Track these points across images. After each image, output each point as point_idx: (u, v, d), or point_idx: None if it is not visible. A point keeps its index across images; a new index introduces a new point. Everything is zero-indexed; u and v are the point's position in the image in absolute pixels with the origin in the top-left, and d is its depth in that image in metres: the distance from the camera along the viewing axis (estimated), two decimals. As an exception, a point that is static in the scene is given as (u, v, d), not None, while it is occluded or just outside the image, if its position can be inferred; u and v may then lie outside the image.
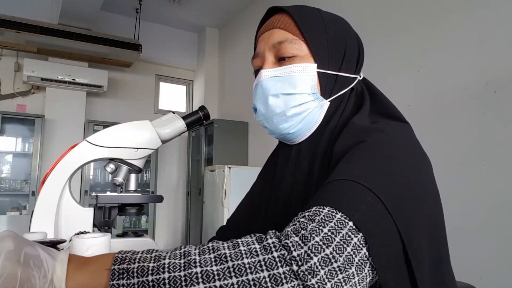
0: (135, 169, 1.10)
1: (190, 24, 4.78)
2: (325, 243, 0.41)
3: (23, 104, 4.00)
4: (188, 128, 1.14)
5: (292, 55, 0.61)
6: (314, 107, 0.62)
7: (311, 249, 0.41)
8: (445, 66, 1.99)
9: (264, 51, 0.64)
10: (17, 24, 3.45)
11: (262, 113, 0.64)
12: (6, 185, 3.77)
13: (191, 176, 4.58)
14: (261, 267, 0.40)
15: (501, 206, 1.68)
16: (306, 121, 0.62)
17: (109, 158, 1.08)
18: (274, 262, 0.41)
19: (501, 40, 1.75)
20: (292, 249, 0.41)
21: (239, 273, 0.40)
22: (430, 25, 2.10)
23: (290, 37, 0.62)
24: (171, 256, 0.43)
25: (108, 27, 4.23)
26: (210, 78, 4.83)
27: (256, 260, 0.41)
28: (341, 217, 0.44)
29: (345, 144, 0.55)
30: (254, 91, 0.65)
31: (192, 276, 0.40)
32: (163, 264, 0.42)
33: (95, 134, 1.06)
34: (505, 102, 1.71)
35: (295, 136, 0.64)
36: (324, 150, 0.60)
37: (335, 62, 0.62)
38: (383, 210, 0.45)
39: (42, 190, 1.02)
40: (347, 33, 0.65)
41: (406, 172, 0.50)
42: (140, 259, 0.43)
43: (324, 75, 0.62)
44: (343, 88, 0.64)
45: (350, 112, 0.62)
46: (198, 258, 0.42)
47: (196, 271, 0.41)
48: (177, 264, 0.42)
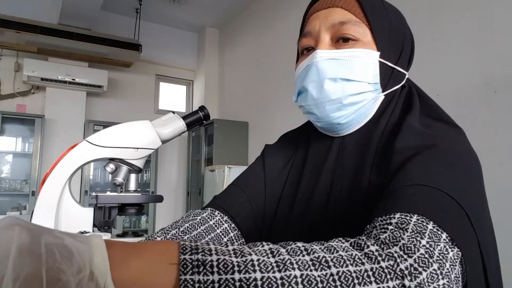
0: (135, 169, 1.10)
1: (190, 24, 4.78)
2: (431, 257, 0.37)
3: (23, 104, 4.00)
4: (188, 128, 1.14)
5: (355, 38, 0.55)
6: (371, 98, 0.57)
7: (418, 263, 0.36)
8: (445, 66, 1.99)
9: (320, 30, 0.57)
10: (17, 24, 3.45)
11: (313, 97, 0.57)
12: (6, 185, 3.77)
13: (191, 176, 4.58)
14: (369, 278, 0.35)
15: (501, 205, 1.68)
16: (360, 112, 0.57)
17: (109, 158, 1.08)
18: (384, 274, 0.35)
19: (501, 40, 1.75)
20: (398, 260, 0.36)
21: (345, 282, 0.34)
22: (430, 25, 2.10)
23: (353, 19, 0.56)
24: (256, 252, 0.35)
25: (108, 27, 4.23)
26: (210, 78, 4.83)
27: (363, 269, 0.35)
28: (433, 228, 0.40)
29: (410, 144, 0.50)
30: (304, 72, 0.58)
31: (291, 280, 0.33)
32: (251, 260, 0.34)
33: (95, 134, 1.06)
34: (505, 102, 1.71)
35: (344, 127, 0.59)
36: (376, 148, 0.55)
37: (393, 54, 0.58)
38: (468, 224, 0.42)
39: (42, 190, 1.02)
40: (405, 26, 0.62)
41: (479, 185, 0.49)
42: (218, 251, 0.34)
43: (383, 66, 0.57)
44: (396, 84, 0.60)
45: (400, 110, 0.58)
46: (292, 259, 0.35)
47: (295, 274, 0.33)
48: (269, 263, 0.34)
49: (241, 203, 0.65)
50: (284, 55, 3.35)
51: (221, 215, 0.63)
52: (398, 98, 0.60)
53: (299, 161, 0.66)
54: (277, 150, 0.71)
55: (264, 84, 3.71)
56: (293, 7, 3.33)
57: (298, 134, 0.71)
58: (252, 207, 0.65)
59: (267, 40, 3.72)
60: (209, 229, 0.60)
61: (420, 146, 0.49)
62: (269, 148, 0.73)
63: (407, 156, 0.48)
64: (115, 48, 3.88)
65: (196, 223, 0.59)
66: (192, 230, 0.58)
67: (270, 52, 3.67)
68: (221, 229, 0.61)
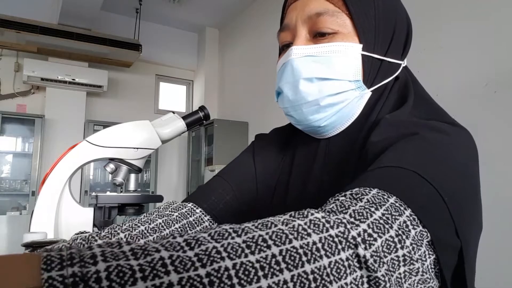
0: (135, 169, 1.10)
1: (190, 24, 4.78)
2: (386, 223, 0.32)
3: (23, 104, 4.00)
4: (188, 128, 1.14)
5: (333, 31, 0.49)
6: (354, 97, 0.50)
7: (372, 228, 0.31)
8: (445, 66, 2.00)
9: (296, 24, 0.52)
10: (17, 24, 3.45)
11: (288, 99, 0.52)
12: (6, 185, 3.77)
13: (191, 176, 4.58)
14: (319, 252, 0.28)
15: (501, 205, 1.67)
16: (342, 113, 0.51)
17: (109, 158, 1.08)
18: (334, 244, 0.29)
19: (501, 40, 1.75)
20: (348, 226, 0.30)
21: (291, 263, 0.27)
22: (429, 25, 2.10)
23: (331, 9, 0.49)
24: (167, 247, 0.25)
25: (108, 27, 4.23)
26: (210, 78, 4.83)
27: (310, 242, 0.28)
28: (395, 202, 0.34)
29: (387, 135, 0.44)
30: (280, 72, 0.53)
31: (221, 275, 0.24)
32: (159, 259, 0.24)
33: (95, 134, 1.06)
34: (505, 102, 1.72)
35: (326, 129, 0.53)
36: (361, 149, 0.49)
37: (381, 45, 0.51)
38: (443, 207, 0.36)
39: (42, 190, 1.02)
40: (397, 10, 0.53)
41: (466, 173, 0.42)
42: (107, 255, 0.23)
43: (368, 59, 0.50)
44: (387, 77, 0.53)
45: (392, 106, 0.52)
46: (219, 246, 0.26)
47: (225, 265, 0.25)
48: (187, 260, 0.25)
49: (226, 201, 0.61)
50: (284, 55, 3.35)
51: (203, 213, 0.60)
52: (389, 93, 0.53)
53: (287, 166, 0.61)
54: (269, 146, 0.66)
55: (264, 84, 3.71)
56: (293, 7, 3.33)
57: (289, 132, 0.66)
58: (238, 206, 0.61)
59: (267, 40, 3.72)
60: (186, 226, 0.57)
61: (398, 136, 0.43)
62: (260, 143, 0.69)
63: (383, 146, 0.43)
64: (115, 48, 3.88)
65: (171, 219, 0.57)
66: (165, 227, 0.55)
67: (270, 52, 3.66)
68: (201, 227, 0.58)
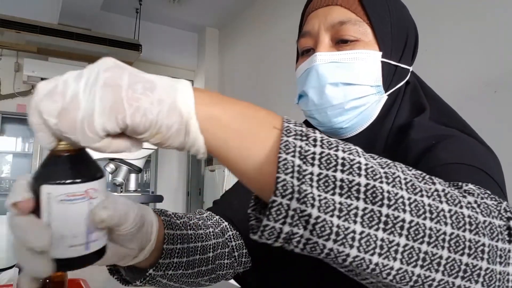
0: (135, 169, 1.10)
1: (190, 24, 4.78)
2: None
3: (23, 104, 4.00)
4: (188, 128, 1.14)
5: (355, 38, 0.53)
6: (374, 101, 0.55)
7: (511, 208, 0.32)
8: (445, 66, 1.99)
9: (319, 31, 0.55)
10: (17, 24, 3.45)
11: (314, 103, 0.55)
12: (6, 185, 3.77)
13: (191, 176, 4.58)
14: (477, 208, 0.30)
15: (501, 206, 1.68)
16: (363, 115, 0.55)
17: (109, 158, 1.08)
18: (488, 210, 0.30)
19: (501, 40, 1.75)
20: (497, 199, 0.32)
21: (456, 224, 0.28)
22: (429, 25, 2.10)
23: (353, 18, 0.53)
24: (366, 157, 0.30)
25: (108, 27, 4.23)
26: (210, 78, 4.83)
27: (471, 201, 0.30)
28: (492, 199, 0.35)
29: (426, 135, 0.49)
30: (304, 76, 0.57)
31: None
32: (356, 152, 0.29)
33: (95, 134, 1.06)
34: (505, 102, 1.71)
35: (347, 130, 0.57)
36: (383, 148, 0.54)
37: (397, 51, 0.56)
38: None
39: (42, 190, 1.02)
40: (408, 19, 0.59)
41: (501, 170, 0.47)
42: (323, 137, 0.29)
43: (386, 66, 0.55)
44: (400, 81, 0.58)
45: (408, 110, 0.56)
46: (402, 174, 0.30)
47: (402, 194, 0.28)
48: (377, 171, 0.29)
49: (239, 206, 0.63)
50: (284, 55, 3.35)
51: (220, 218, 0.63)
52: (403, 96, 0.58)
53: None
54: None
55: (264, 84, 3.71)
56: (293, 7, 3.33)
57: None
58: None
59: (267, 40, 3.72)
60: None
61: (439, 136, 0.48)
62: None
63: (428, 145, 0.47)
64: (115, 48, 3.88)
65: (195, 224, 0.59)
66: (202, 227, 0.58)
67: (270, 52, 3.66)
68: (220, 228, 0.60)
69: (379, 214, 0.27)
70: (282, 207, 0.26)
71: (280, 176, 0.26)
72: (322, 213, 0.26)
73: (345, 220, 0.26)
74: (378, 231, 0.27)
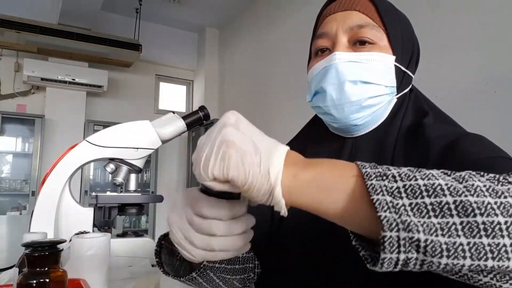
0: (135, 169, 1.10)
1: (190, 24, 4.78)
2: None
3: (23, 104, 4.00)
4: (188, 128, 1.14)
5: (372, 41, 0.57)
6: (387, 101, 0.59)
7: None
8: (445, 66, 1.99)
9: (337, 32, 0.58)
10: (17, 24, 3.45)
11: (332, 98, 0.57)
12: (6, 185, 3.77)
13: (191, 176, 4.58)
14: None
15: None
16: (375, 115, 0.59)
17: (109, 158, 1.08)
18: None
19: (501, 40, 1.75)
20: None
21: None
22: (429, 25, 2.10)
23: (371, 23, 0.58)
24: (443, 178, 0.33)
25: (108, 27, 4.23)
26: (210, 78, 4.83)
27: None
28: None
29: (442, 133, 0.52)
30: (321, 73, 0.59)
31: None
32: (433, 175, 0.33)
33: (95, 134, 1.07)
34: (505, 102, 1.71)
35: (359, 128, 0.60)
36: (393, 147, 0.56)
37: (405, 59, 0.61)
38: None
39: (42, 190, 1.02)
40: (413, 33, 0.65)
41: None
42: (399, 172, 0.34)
43: (397, 70, 0.59)
44: (406, 87, 0.62)
45: (412, 115, 0.60)
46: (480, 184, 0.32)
47: (488, 200, 0.31)
48: (458, 187, 0.32)
49: None
50: (284, 55, 3.35)
51: None
52: (408, 101, 0.62)
53: None
54: None
55: (264, 84, 3.71)
56: (293, 7, 3.33)
57: (305, 136, 0.71)
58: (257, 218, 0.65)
59: (267, 40, 3.72)
60: None
61: (456, 133, 0.52)
62: None
63: (449, 141, 0.50)
64: (115, 48, 3.88)
65: None
66: None
67: (270, 52, 3.67)
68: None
69: (476, 224, 0.30)
70: (393, 239, 0.30)
71: (381, 214, 0.31)
72: (428, 235, 0.30)
73: (449, 237, 0.30)
74: (482, 238, 0.30)
